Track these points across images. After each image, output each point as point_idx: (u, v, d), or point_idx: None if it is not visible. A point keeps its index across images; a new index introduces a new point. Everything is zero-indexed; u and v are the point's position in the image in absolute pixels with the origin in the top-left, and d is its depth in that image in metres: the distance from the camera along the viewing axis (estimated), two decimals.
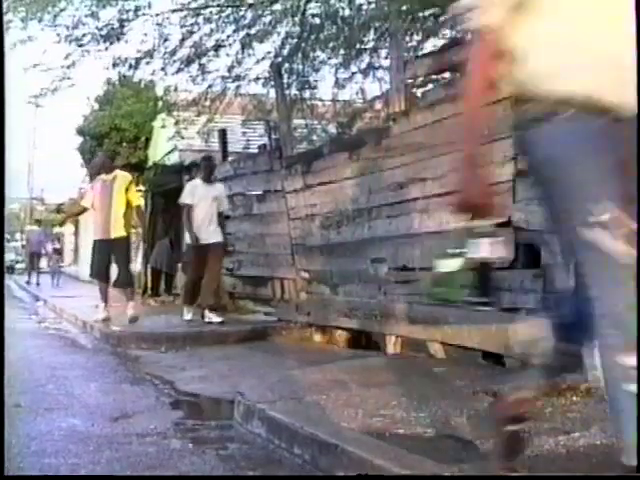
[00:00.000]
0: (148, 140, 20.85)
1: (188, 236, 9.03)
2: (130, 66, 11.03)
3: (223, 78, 11.33)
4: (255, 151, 11.18)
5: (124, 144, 22.07)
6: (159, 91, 13.30)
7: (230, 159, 11.32)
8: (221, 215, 8.97)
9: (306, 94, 11.23)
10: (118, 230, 8.81)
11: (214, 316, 8.54)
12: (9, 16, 9.26)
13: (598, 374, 2.50)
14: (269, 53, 10.78)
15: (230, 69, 11.06)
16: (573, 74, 2.05)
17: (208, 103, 11.98)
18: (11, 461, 3.26)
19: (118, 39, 10.29)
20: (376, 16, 8.71)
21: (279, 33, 10.46)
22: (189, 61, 10.90)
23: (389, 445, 3.09)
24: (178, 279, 13.41)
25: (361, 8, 9.43)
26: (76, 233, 35.42)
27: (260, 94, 11.97)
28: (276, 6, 10.09)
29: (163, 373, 5.90)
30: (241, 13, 10.38)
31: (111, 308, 9.04)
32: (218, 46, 10.73)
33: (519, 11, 2.11)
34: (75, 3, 9.82)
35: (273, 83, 9.77)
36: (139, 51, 10.79)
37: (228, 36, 10.58)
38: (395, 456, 2.91)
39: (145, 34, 10.61)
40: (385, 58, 9.40)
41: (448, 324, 5.59)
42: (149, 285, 13.80)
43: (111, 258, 8.94)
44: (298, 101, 11.14)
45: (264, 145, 10.91)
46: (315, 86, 11.12)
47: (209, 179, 9.05)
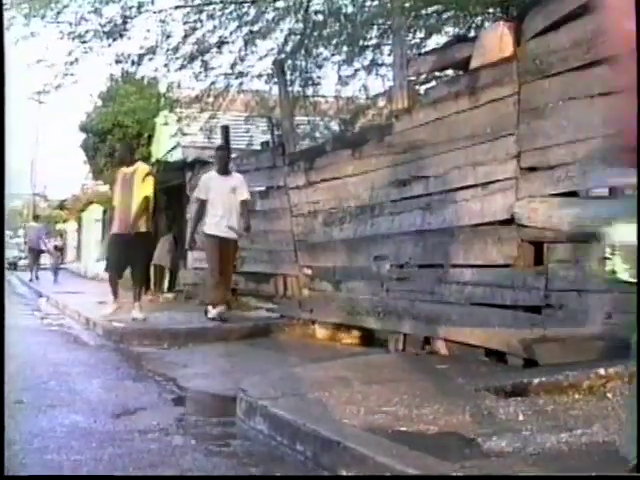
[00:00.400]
0: (151, 137, 20.89)
1: (192, 229, 8.81)
2: (133, 63, 11.05)
3: (226, 75, 11.36)
4: (258, 148, 11.18)
5: (122, 141, 22.09)
6: (162, 88, 13.32)
7: (233, 156, 11.32)
8: (244, 204, 8.42)
9: (309, 91, 11.26)
10: (139, 225, 8.45)
11: (214, 311, 8.26)
12: (12, 12, 9.28)
13: None
14: (272, 50, 10.81)
15: (233, 66, 11.08)
16: None
17: (211, 100, 12.00)
18: (14, 458, 3.27)
19: (121, 36, 10.30)
20: (379, 13, 8.70)
21: (282, 30, 10.49)
22: (192, 58, 10.91)
23: (391, 442, 3.08)
24: (181, 276, 13.43)
25: (364, 5, 9.41)
26: (79, 230, 35.48)
27: (263, 91, 11.99)
28: (279, 3, 10.10)
29: (165, 370, 5.90)
30: (244, 10, 10.38)
31: (117, 304, 8.97)
32: (221, 43, 10.74)
33: None
34: (78, 0, 9.84)
35: (276, 80, 9.76)
36: (142, 48, 10.82)
37: (231, 33, 10.60)
38: (397, 453, 2.91)
39: (148, 31, 10.64)
40: (388, 55, 9.41)
41: (451, 321, 5.59)
42: (152, 282, 13.81)
43: (128, 254, 8.52)
44: (301, 98, 11.15)
45: (267, 142, 10.90)
46: (318, 83, 11.15)
47: (225, 170, 8.58)
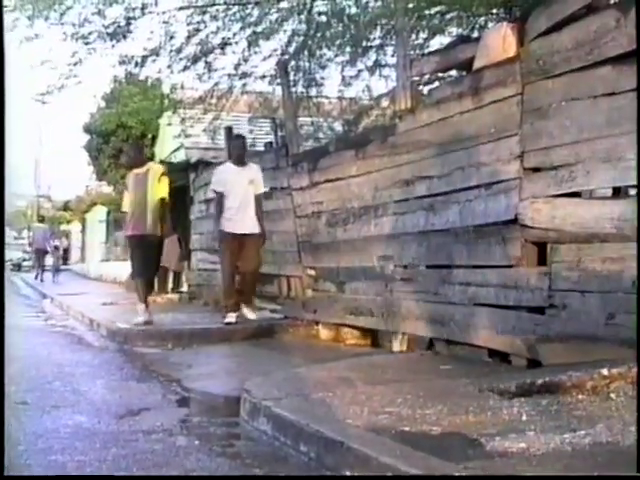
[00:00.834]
0: (154, 138, 20.91)
1: (215, 225, 8.26)
2: (136, 64, 11.05)
3: (229, 76, 11.36)
4: (261, 149, 11.19)
5: (130, 142, 22.13)
6: (165, 89, 13.32)
7: None
8: (258, 200, 8.02)
9: (312, 92, 11.25)
10: (153, 227, 8.26)
11: (249, 312, 8.07)
12: (16, 14, 9.29)
13: None
14: (275, 51, 10.81)
15: (236, 67, 11.09)
16: None
17: (214, 101, 12.02)
18: (18, 458, 3.28)
19: (124, 37, 10.31)
20: (382, 13, 8.69)
21: (285, 31, 10.47)
22: (195, 59, 10.92)
23: (395, 443, 3.09)
24: (185, 276, 13.45)
25: (367, 5, 9.41)
26: (83, 231, 35.55)
27: (266, 92, 12.01)
28: (282, 4, 10.09)
29: (169, 370, 5.91)
30: (247, 11, 10.38)
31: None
32: (224, 44, 10.74)
33: None
34: (82, 1, 9.85)
35: (279, 81, 9.76)
36: (145, 49, 10.82)
37: (234, 34, 10.59)
38: (401, 454, 2.90)
39: (151, 32, 10.64)
40: (391, 56, 9.39)
41: (454, 321, 5.59)
42: (156, 282, 13.82)
43: (150, 254, 8.37)
44: (304, 99, 11.15)
45: (270, 143, 10.93)
46: (321, 84, 11.14)
47: (241, 161, 8.13)
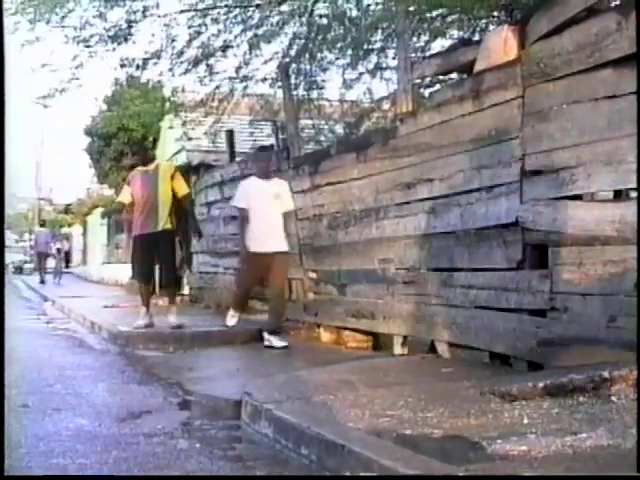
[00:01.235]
0: (156, 140, 20.92)
1: (242, 243, 7.46)
2: (138, 67, 11.08)
3: (230, 79, 11.39)
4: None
5: (132, 144, 22.17)
6: (167, 92, 13.34)
7: (237, 160, 11.34)
8: (289, 217, 7.43)
9: (313, 94, 11.26)
10: (165, 223, 8.02)
11: (275, 340, 7.07)
12: (17, 17, 9.31)
13: None
14: (277, 54, 10.83)
15: (237, 70, 11.11)
16: None
17: (216, 104, 12.03)
18: (19, 461, 3.28)
19: (126, 40, 10.34)
20: (383, 16, 8.71)
21: (287, 34, 10.50)
22: (197, 62, 10.94)
23: (396, 445, 3.09)
24: (186, 279, 13.43)
25: (368, 9, 9.43)
26: (84, 234, 35.55)
27: (267, 94, 12.02)
28: (284, 7, 10.11)
29: (171, 373, 5.91)
30: (249, 14, 10.41)
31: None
32: (226, 47, 10.76)
33: None
34: (83, 4, 9.88)
35: (280, 83, 9.77)
36: (147, 52, 10.86)
37: (236, 37, 10.63)
38: (402, 457, 2.90)
39: (153, 35, 10.69)
40: (392, 58, 9.41)
41: (456, 324, 5.59)
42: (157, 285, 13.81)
43: (155, 255, 8.11)
44: (305, 101, 11.16)
45: (271, 145, 10.92)
46: (322, 86, 11.15)
47: (266, 174, 7.46)
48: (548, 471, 2.74)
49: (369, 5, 9.46)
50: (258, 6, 10.21)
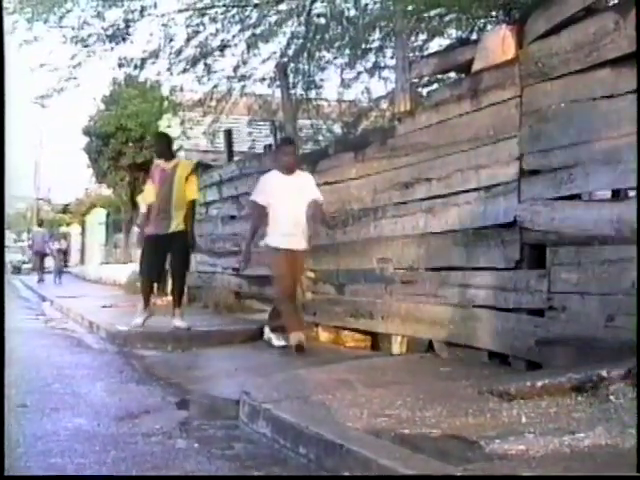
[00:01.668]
0: None
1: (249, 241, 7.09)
2: (136, 66, 11.07)
3: (229, 78, 11.39)
4: (261, 151, 11.19)
5: (130, 144, 22.22)
6: (165, 91, 13.35)
7: (236, 159, 11.35)
8: (318, 206, 6.77)
9: (312, 94, 11.26)
10: (178, 224, 7.89)
11: (275, 339, 6.96)
12: (15, 17, 9.30)
13: None
14: (275, 53, 10.84)
15: (235, 69, 11.12)
16: None
17: (214, 103, 12.04)
18: (17, 461, 3.28)
19: (124, 39, 10.33)
20: (381, 16, 8.70)
21: (285, 33, 10.51)
22: (195, 61, 10.94)
23: (394, 445, 3.09)
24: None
25: (366, 8, 9.43)
26: (83, 233, 35.56)
27: (266, 94, 12.02)
28: (281, 6, 10.11)
29: (169, 373, 5.90)
30: (247, 13, 10.41)
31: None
32: (224, 46, 10.77)
33: None
34: (81, 4, 9.87)
35: (279, 83, 9.77)
36: (145, 51, 10.86)
37: (234, 36, 10.63)
38: (400, 456, 2.91)
39: (151, 34, 10.69)
40: (390, 58, 9.41)
41: (454, 324, 5.59)
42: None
43: (166, 257, 8.03)
44: (304, 101, 11.17)
45: (270, 145, 10.92)
46: (321, 86, 11.16)
47: (290, 168, 6.85)
48: (546, 471, 2.74)
49: (367, 4, 9.46)
50: (256, 5, 10.21)
